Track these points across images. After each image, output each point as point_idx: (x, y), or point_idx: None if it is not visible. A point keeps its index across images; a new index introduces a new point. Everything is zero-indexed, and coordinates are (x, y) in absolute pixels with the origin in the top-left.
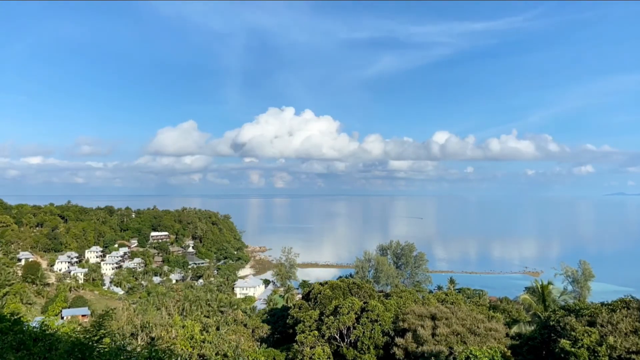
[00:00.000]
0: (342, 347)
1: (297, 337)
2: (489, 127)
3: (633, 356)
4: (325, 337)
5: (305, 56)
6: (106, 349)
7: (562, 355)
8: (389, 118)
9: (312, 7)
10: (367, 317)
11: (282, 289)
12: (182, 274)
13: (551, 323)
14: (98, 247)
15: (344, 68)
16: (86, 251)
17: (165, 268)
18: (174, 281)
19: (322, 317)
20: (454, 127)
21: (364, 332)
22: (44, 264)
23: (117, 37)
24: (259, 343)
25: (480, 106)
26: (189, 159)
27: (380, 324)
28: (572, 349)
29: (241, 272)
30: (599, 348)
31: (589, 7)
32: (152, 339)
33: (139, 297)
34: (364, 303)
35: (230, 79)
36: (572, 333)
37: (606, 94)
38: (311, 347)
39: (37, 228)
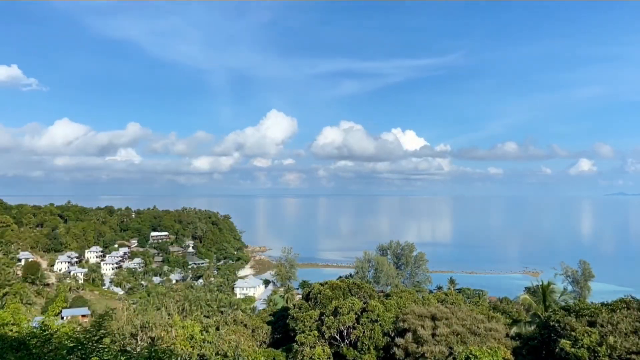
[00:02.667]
0: (342, 347)
1: (297, 337)
2: (463, 134)
3: (633, 356)
4: (326, 337)
5: (279, 85)
6: (106, 349)
7: (562, 356)
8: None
9: (277, 53)
10: (367, 317)
11: (282, 289)
12: (182, 274)
13: (551, 323)
14: (98, 247)
15: (314, 90)
16: (86, 251)
17: (165, 268)
18: (174, 281)
19: (322, 317)
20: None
21: (364, 333)
22: (44, 264)
23: (125, 72)
24: (258, 343)
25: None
26: (201, 162)
27: (380, 324)
28: (572, 349)
29: (241, 272)
30: (599, 348)
31: (500, 48)
32: (152, 339)
33: (139, 297)
34: (364, 303)
35: (222, 98)
36: (572, 333)
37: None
38: (311, 347)
39: (37, 228)
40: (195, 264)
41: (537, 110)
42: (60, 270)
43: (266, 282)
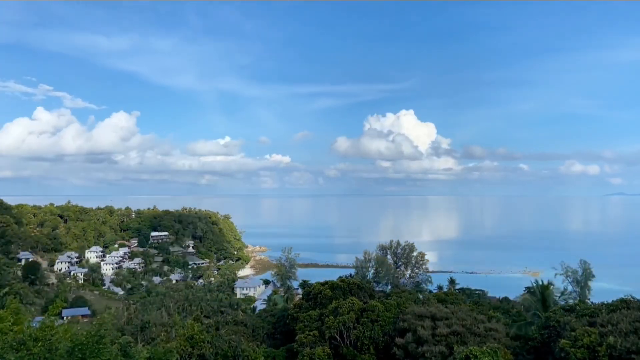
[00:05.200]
0: (342, 347)
1: (297, 337)
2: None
3: (633, 356)
4: (326, 337)
5: (263, 104)
6: (106, 349)
7: (562, 355)
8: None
9: (256, 83)
10: (367, 317)
11: (282, 289)
12: (182, 274)
13: (551, 323)
14: (98, 247)
15: (294, 106)
16: (86, 251)
17: (165, 268)
18: (174, 281)
19: (322, 317)
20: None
21: (364, 332)
22: (44, 264)
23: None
24: (258, 343)
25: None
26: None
27: (380, 324)
28: (572, 349)
29: (241, 272)
30: (599, 348)
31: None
32: (152, 339)
33: (139, 298)
34: (364, 303)
35: (214, 110)
36: (572, 333)
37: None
38: (311, 347)
39: (37, 228)
40: (195, 264)
41: (504, 119)
42: (60, 270)
43: (266, 282)
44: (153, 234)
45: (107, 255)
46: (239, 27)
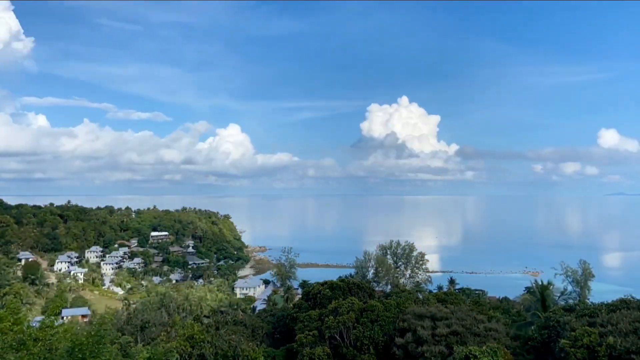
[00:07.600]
0: (342, 347)
1: (297, 337)
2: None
3: (633, 356)
4: (325, 337)
5: (254, 112)
6: (106, 349)
7: (562, 355)
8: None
9: (243, 102)
10: (367, 317)
11: (282, 289)
12: (182, 274)
13: (551, 323)
14: (98, 247)
15: (281, 116)
16: (86, 251)
17: (165, 268)
18: (174, 281)
19: (322, 317)
20: None
21: (363, 332)
22: (44, 264)
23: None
24: (258, 343)
25: None
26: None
27: (380, 324)
28: (572, 349)
29: (241, 272)
30: (599, 348)
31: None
32: (152, 339)
33: (139, 298)
34: (364, 303)
35: (212, 119)
36: (572, 333)
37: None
38: (311, 347)
39: (38, 228)
40: (195, 264)
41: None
42: (60, 270)
43: (266, 282)
44: (153, 233)
45: (107, 255)
46: (225, 59)
